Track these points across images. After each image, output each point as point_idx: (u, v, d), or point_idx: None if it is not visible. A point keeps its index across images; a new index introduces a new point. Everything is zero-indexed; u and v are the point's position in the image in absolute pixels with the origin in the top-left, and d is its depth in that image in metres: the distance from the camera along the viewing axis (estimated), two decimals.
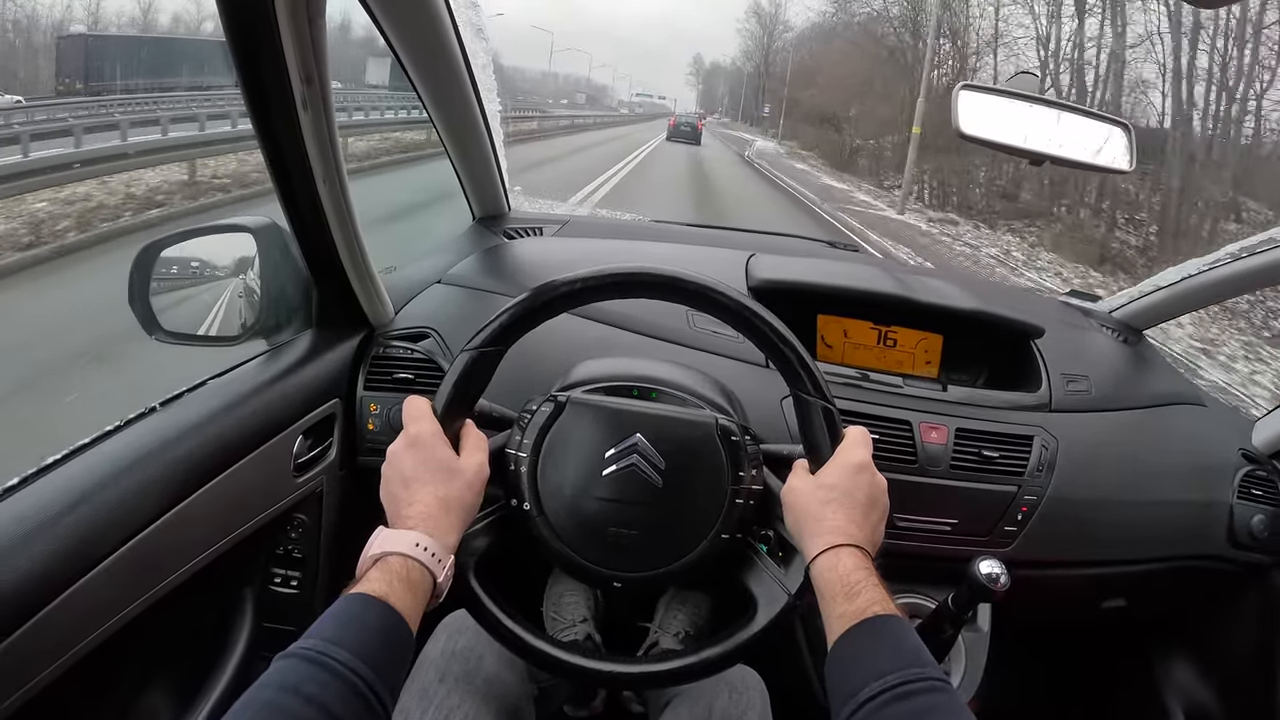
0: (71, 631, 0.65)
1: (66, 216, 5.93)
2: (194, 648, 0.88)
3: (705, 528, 0.75)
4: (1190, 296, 1.37)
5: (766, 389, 1.03)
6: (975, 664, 1.05)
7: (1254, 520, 1.19)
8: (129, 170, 7.16)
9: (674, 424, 0.78)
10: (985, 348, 1.25)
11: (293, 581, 0.99)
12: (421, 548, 0.62)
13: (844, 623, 0.60)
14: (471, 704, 0.82)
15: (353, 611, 0.57)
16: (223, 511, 0.82)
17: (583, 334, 1.06)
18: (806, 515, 0.69)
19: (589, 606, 1.19)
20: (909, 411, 1.10)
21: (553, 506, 0.76)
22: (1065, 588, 1.17)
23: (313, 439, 0.97)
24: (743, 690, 0.88)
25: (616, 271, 0.75)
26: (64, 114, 8.86)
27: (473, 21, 1.01)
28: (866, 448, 0.72)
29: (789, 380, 0.75)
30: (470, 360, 0.73)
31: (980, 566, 0.82)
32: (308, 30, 0.72)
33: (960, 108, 1.00)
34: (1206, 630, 1.34)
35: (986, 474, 1.08)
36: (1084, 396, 1.21)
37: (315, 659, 0.52)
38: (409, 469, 0.68)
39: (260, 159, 0.84)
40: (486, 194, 1.47)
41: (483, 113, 1.20)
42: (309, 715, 0.49)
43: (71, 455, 0.72)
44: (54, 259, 5.32)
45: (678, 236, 1.66)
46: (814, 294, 1.19)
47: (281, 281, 0.99)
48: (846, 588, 0.62)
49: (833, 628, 0.61)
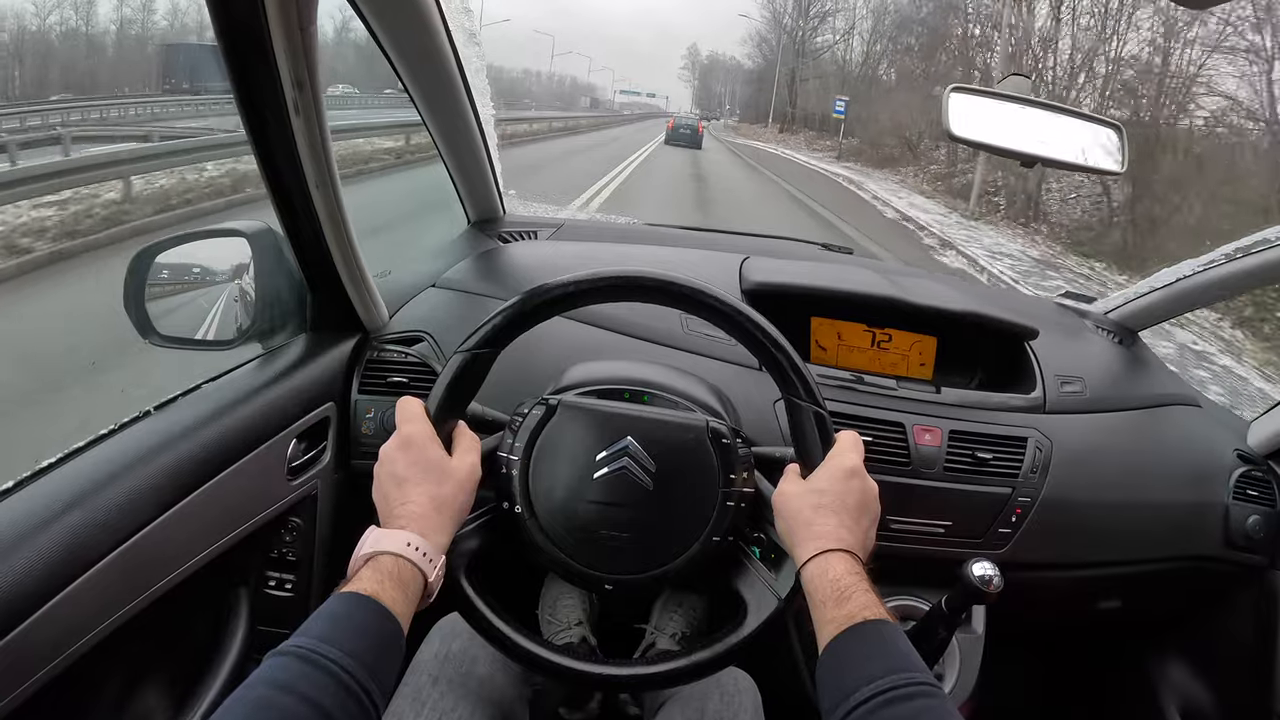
0: (65, 635, 0.65)
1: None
2: (189, 650, 0.89)
3: (697, 530, 0.76)
4: (1185, 297, 1.37)
5: (759, 391, 1.04)
6: (970, 666, 1.05)
7: (1249, 521, 1.19)
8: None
9: (665, 427, 0.78)
10: (979, 350, 1.25)
11: (287, 585, 0.99)
12: (413, 547, 0.63)
13: (834, 627, 0.61)
14: (465, 707, 0.82)
15: (344, 610, 0.57)
16: (217, 515, 0.83)
17: (575, 337, 1.07)
18: (798, 520, 0.69)
19: (584, 609, 1.20)
20: (902, 414, 1.10)
21: (544, 510, 0.76)
22: (1060, 589, 1.16)
23: (307, 442, 0.98)
24: (734, 693, 0.88)
25: (611, 275, 0.75)
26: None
27: (465, 26, 1.02)
28: (858, 452, 0.72)
29: (781, 385, 0.75)
30: (463, 362, 0.74)
31: (973, 568, 0.82)
32: (299, 36, 0.73)
33: (950, 109, 1.00)
34: (1202, 631, 1.34)
35: (980, 476, 1.08)
36: (1078, 398, 1.21)
37: (307, 657, 0.52)
38: (401, 469, 0.68)
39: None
40: (481, 198, 1.48)
41: (476, 117, 1.21)
42: (301, 712, 0.49)
43: (65, 459, 0.72)
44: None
45: (672, 240, 1.66)
46: (807, 296, 1.19)
47: (276, 286, 0.99)
48: (837, 593, 0.62)
49: (823, 632, 0.62)
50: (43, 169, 5.71)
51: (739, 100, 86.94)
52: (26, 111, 11.40)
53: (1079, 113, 1.04)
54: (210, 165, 7.46)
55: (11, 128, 9.36)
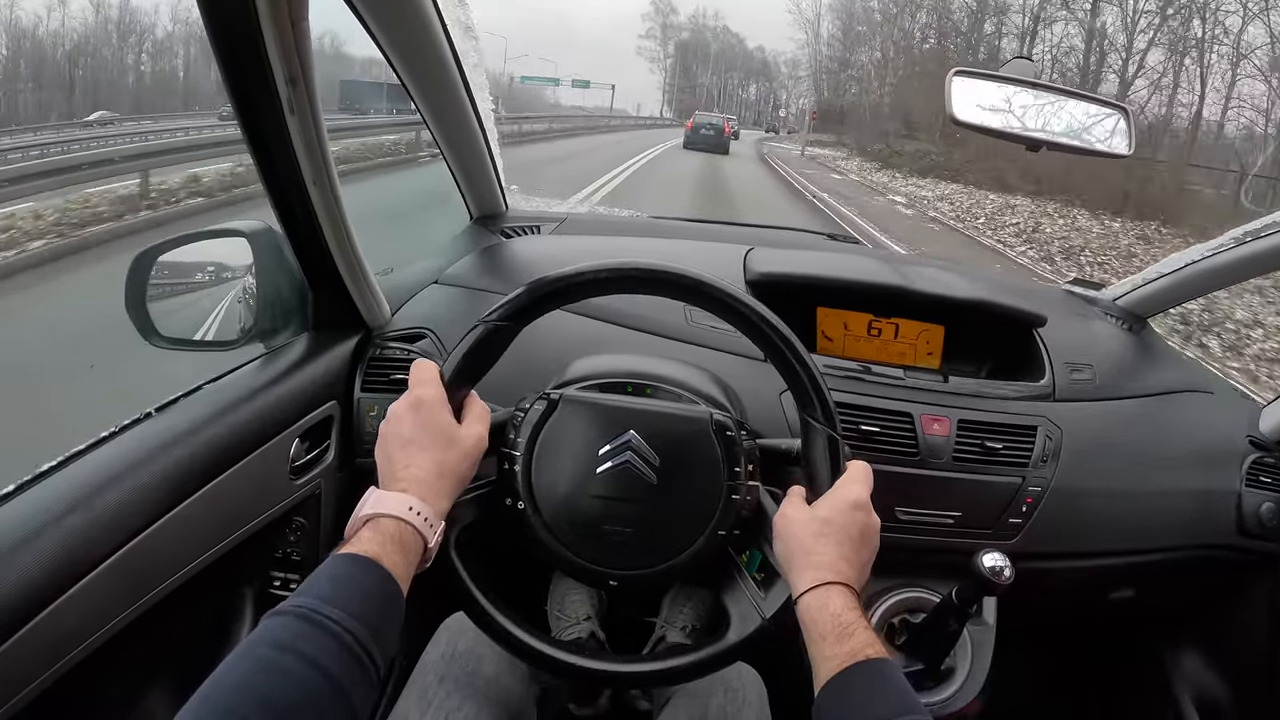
0: (68, 637, 0.65)
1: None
2: (194, 652, 0.89)
3: (702, 524, 0.75)
4: (1194, 282, 1.35)
5: (764, 383, 1.03)
6: (981, 658, 1.04)
7: (1263, 508, 1.18)
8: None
9: (668, 420, 0.78)
10: (987, 338, 1.24)
11: (292, 584, 0.99)
12: (415, 511, 0.62)
13: (835, 664, 0.60)
14: (472, 706, 0.82)
15: (346, 572, 0.57)
16: (220, 515, 0.82)
17: (577, 331, 1.06)
18: (797, 546, 0.68)
19: (593, 605, 1.20)
20: (910, 403, 1.08)
21: (547, 505, 0.75)
22: (1071, 580, 1.15)
23: (310, 441, 0.97)
24: (739, 689, 0.88)
25: (663, 270, 0.74)
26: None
27: (461, 20, 1.01)
28: (866, 485, 0.71)
29: (800, 403, 0.74)
30: (485, 332, 0.74)
31: (984, 559, 0.82)
32: (290, 33, 0.72)
33: (954, 94, 0.99)
34: (1216, 620, 1.32)
35: (990, 465, 1.07)
36: (1088, 385, 1.19)
37: (308, 616, 0.52)
38: (409, 431, 0.67)
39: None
40: (483, 193, 1.47)
41: (476, 111, 1.20)
42: (302, 672, 0.49)
43: (67, 461, 0.72)
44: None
45: (675, 232, 1.65)
46: (813, 287, 1.18)
47: (277, 285, 0.99)
48: (838, 628, 0.61)
49: (823, 668, 0.61)
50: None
51: (746, 103, 68.29)
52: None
53: (1084, 95, 1.02)
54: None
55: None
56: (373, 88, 24.15)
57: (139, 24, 27.98)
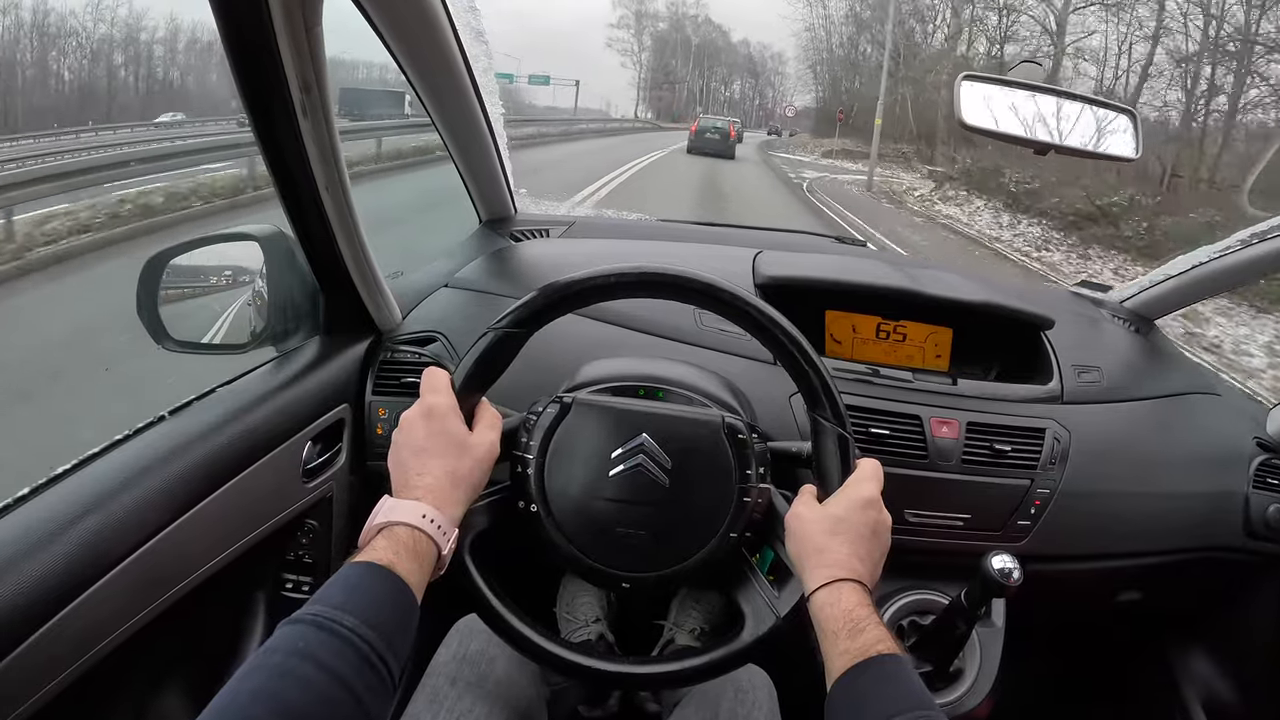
0: (83, 639, 0.65)
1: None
2: (207, 654, 0.89)
3: (714, 527, 0.75)
4: (1202, 284, 1.35)
5: (774, 386, 1.03)
6: (990, 660, 1.04)
7: (1270, 510, 1.18)
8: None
9: (679, 423, 0.78)
10: (995, 341, 1.24)
11: (304, 587, 1.00)
12: (428, 519, 0.62)
13: (847, 659, 0.60)
14: (483, 707, 0.82)
15: (360, 580, 0.57)
16: (233, 518, 0.83)
17: (589, 334, 1.06)
18: (810, 544, 0.68)
19: (602, 607, 1.20)
20: (919, 406, 1.09)
21: (560, 508, 0.76)
22: (1080, 582, 1.15)
23: (322, 444, 0.98)
24: (750, 691, 0.88)
25: (673, 274, 0.75)
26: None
27: (472, 25, 1.01)
28: (877, 483, 0.71)
29: (810, 403, 0.74)
30: (495, 339, 0.74)
31: (993, 562, 0.82)
32: (305, 39, 0.73)
33: (962, 98, 0.99)
34: (1224, 622, 1.32)
35: (998, 468, 1.07)
36: (1096, 387, 1.19)
37: (324, 625, 0.52)
38: (421, 439, 0.68)
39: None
40: (492, 197, 1.47)
41: (485, 116, 1.21)
42: (319, 680, 0.49)
43: (81, 465, 0.73)
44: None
45: (684, 235, 1.65)
46: (821, 290, 1.18)
47: (289, 288, 1.00)
48: (850, 624, 0.62)
49: (834, 664, 0.61)
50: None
51: (739, 104, 59.84)
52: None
53: (1091, 98, 1.02)
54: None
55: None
56: (372, 95, 23.49)
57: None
